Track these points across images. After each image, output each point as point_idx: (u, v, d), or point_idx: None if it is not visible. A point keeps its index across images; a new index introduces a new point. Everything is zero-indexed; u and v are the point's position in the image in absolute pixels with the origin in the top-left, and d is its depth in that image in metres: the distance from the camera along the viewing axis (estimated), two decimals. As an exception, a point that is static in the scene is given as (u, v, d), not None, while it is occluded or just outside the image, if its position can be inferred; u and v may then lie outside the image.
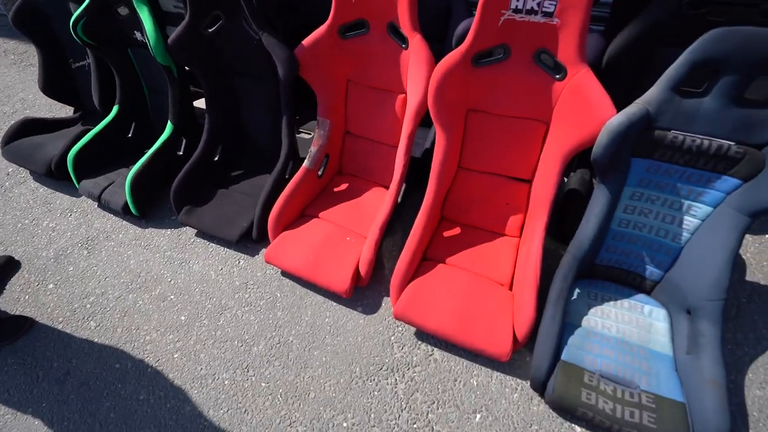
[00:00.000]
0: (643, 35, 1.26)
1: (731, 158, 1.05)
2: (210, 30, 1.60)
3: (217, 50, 1.65)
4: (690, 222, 1.18)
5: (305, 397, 1.27)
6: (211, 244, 1.72)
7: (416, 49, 1.32)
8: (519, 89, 1.26)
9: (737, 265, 1.48)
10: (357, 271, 1.43)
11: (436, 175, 1.38)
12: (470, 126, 1.40)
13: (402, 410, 1.22)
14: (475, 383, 1.26)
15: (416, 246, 1.34)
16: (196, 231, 1.76)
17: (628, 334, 1.24)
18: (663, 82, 1.04)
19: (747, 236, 1.55)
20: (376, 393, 1.26)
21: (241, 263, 1.64)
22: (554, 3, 1.05)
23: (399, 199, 1.60)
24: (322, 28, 1.45)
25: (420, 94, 1.34)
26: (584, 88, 1.11)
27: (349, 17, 1.42)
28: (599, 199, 1.19)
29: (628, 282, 1.36)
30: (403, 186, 1.58)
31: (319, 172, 1.70)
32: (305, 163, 1.62)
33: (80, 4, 1.75)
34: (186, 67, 1.75)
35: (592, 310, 1.29)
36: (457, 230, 1.54)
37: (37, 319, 1.52)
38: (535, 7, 1.08)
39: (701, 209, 1.15)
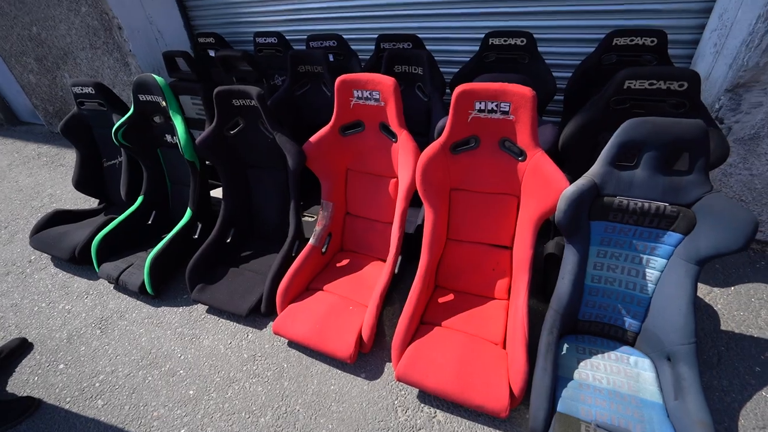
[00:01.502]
0: (585, 126, 1.57)
1: (669, 216, 1.26)
2: (232, 132, 1.92)
3: (236, 148, 1.96)
4: (652, 273, 1.34)
5: (311, 467, 1.27)
6: (221, 319, 1.81)
7: (404, 142, 1.61)
8: (491, 170, 1.52)
9: (711, 316, 1.60)
10: (360, 337, 1.52)
11: (427, 246, 1.57)
12: (454, 202, 1.63)
13: (408, 476, 1.23)
14: (479, 443, 1.28)
15: (413, 310, 1.47)
16: (207, 308, 1.87)
17: (619, 384, 1.31)
18: (602, 159, 1.29)
19: (715, 289, 1.70)
20: (381, 459, 1.27)
21: (249, 336, 1.72)
22: (508, 104, 1.36)
23: (396, 270, 1.76)
24: (325, 128, 1.76)
25: (409, 178, 1.59)
26: (541, 167, 1.36)
27: (348, 119, 1.74)
28: (569, 257, 1.36)
29: (611, 335, 1.46)
30: (399, 258, 1.75)
31: (323, 249, 1.88)
32: (311, 241, 1.81)
33: (122, 116, 2.10)
34: (207, 162, 2.04)
35: (582, 363, 1.38)
36: (450, 296, 1.68)
37: (44, 400, 1.55)
38: (494, 108, 1.39)
39: (658, 261, 1.33)
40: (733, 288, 1.70)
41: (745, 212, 1.14)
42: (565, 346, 1.44)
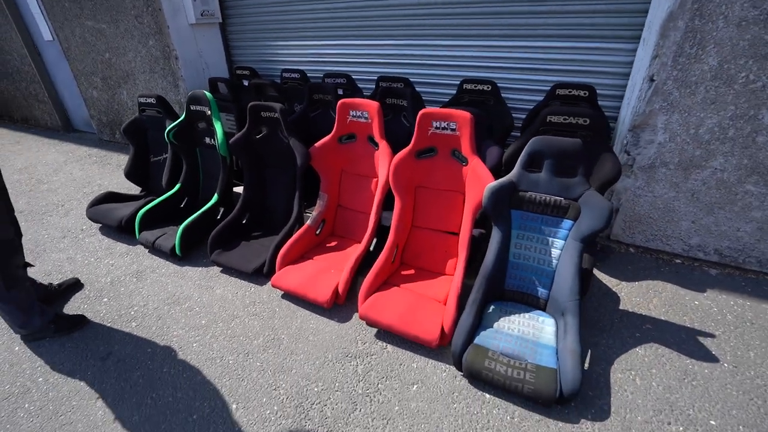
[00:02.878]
0: (520, 147, 2.10)
1: (564, 207, 1.75)
2: (258, 137, 2.51)
3: (259, 149, 2.53)
4: (555, 252, 1.81)
5: (288, 372, 1.70)
6: (232, 277, 2.29)
7: (383, 149, 2.17)
8: (445, 173, 2.05)
9: (614, 299, 2.02)
10: (336, 290, 1.99)
11: (395, 228, 2.07)
12: (418, 197, 2.15)
13: (359, 382, 1.64)
14: (416, 366, 1.70)
15: (378, 270, 1.94)
16: (221, 269, 2.36)
17: (526, 333, 1.73)
18: (518, 165, 1.81)
19: (623, 282, 2.14)
20: (341, 371, 1.69)
21: (252, 289, 2.19)
22: (455, 123, 1.91)
23: (371, 249, 2.25)
24: (328, 137, 2.33)
25: (385, 176, 2.12)
26: (477, 170, 1.88)
27: (344, 131, 2.32)
28: (495, 237, 1.84)
29: (529, 302, 1.90)
30: (374, 240, 2.24)
31: (317, 231, 2.38)
32: (308, 222, 2.33)
33: (174, 121, 2.72)
34: (236, 159, 2.61)
35: (502, 319, 1.81)
36: (412, 271, 2.14)
37: (91, 320, 2.02)
38: (446, 126, 1.94)
39: (559, 242, 1.80)
40: (637, 283, 2.13)
41: (605, 203, 1.63)
42: (492, 307, 1.88)
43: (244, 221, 2.58)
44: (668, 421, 1.44)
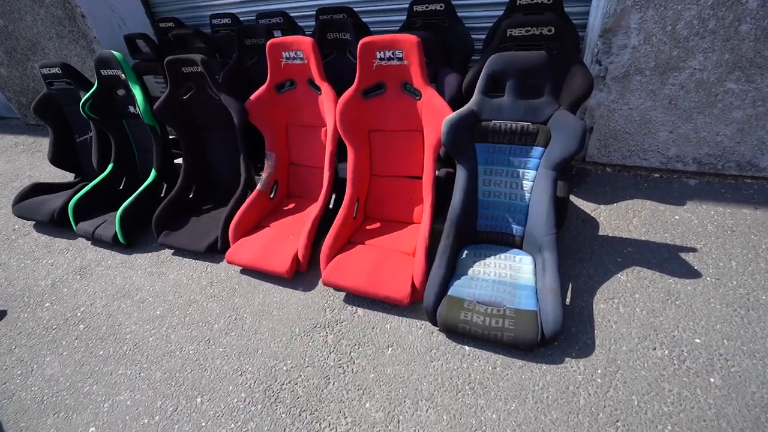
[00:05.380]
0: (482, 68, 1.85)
1: (532, 133, 1.55)
2: (185, 97, 2.17)
3: (190, 111, 2.21)
4: (527, 184, 1.64)
5: (254, 353, 1.57)
6: (185, 258, 2.09)
7: (326, 93, 1.89)
8: (398, 111, 1.80)
9: (593, 225, 1.90)
10: (296, 257, 1.81)
11: (351, 181, 1.86)
12: (373, 142, 1.91)
13: (330, 353, 1.53)
14: (389, 327, 1.59)
15: (338, 230, 1.76)
16: (173, 251, 2.15)
17: (503, 275, 1.62)
18: (477, 91, 1.58)
19: (601, 206, 2.01)
20: (311, 344, 1.57)
21: (208, 269, 2.00)
22: (401, 51, 1.63)
23: (331, 206, 2.05)
24: (262, 88, 2.02)
25: (333, 123, 1.87)
26: (432, 102, 1.65)
27: (280, 78, 2.01)
28: (460, 175, 1.65)
29: (504, 242, 1.76)
30: (333, 196, 2.04)
31: (271, 195, 2.16)
32: (258, 186, 2.09)
33: (87, 91, 2.34)
34: (167, 126, 2.29)
35: (477, 264, 1.68)
36: (377, 224, 1.97)
37: (34, 330, 1.82)
38: (392, 56, 1.66)
39: (530, 173, 1.62)
40: (615, 204, 2.01)
41: (577, 122, 1.44)
42: (465, 252, 1.74)
43: (191, 195, 2.33)
44: (653, 346, 1.38)
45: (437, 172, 1.97)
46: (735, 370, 1.29)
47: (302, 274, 1.86)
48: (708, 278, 1.58)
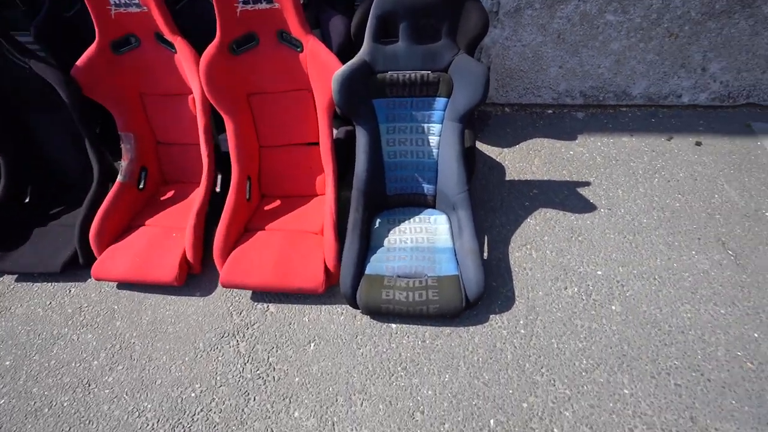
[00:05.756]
0: (368, 10, 1.59)
1: (432, 83, 1.40)
2: (-25, 70, 1.57)
3: (-7, 89, 1.62)
4: (433, 139, 1.52)
5: (152, 386, 1.31)
6: (36, 283, 1.64)
7: (181, 51, 1.49)
8: (278, 67, 1.50)
9: (500, 170, 1.90)
10: (185, 259, 1.51)
11: (235, 157, 1.55)
12: (255, 108, 1.60)
13: (246, 364, 1.33)
14: (307, 320, 1.43)
15: (229, 220, 1.49)
16: (15, 277, 1.67)
17: (420, 240, 1.53)
18: (367, 37, 1.35)
19: (504, 149, 2.01)
20: (220, 358, 1.35)
21: (72, 291, 1.60)
22: (268, -10, 1.31)
23: (218, 189, 1.73)
24: (91, 48, 1.53)
25: (199, 89, 1.50)
26: (317, 54, 1.38)
27: (115, 34, 1.53)
28: (360, 138, 1.46)
29: (417, 202, 1.66)
30: (219, 177, 1.72)
31: (140, 185, 1.74)
32: (118, 178, 1.66)
33: None
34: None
35: (391, 232, 1.56)
36: (277, 203, 1.72)
37: None
38: (258, -4, 1.33)
39: (435, 127, 1.50)
40: (517, 146, 2.03)
41: (479, 67, 1.32)
42: (378, 221, 1.61)
43: (27, 199, 1.80)
44: (564, 286, 1.44)
45: (336, 132, 1.76)
46: (630, 294, 1.41)
47: (197, 277, 1.58)
48: (602, 210, 1.68)
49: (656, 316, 1.34)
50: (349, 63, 1.34)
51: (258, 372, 1.31)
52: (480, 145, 2.04)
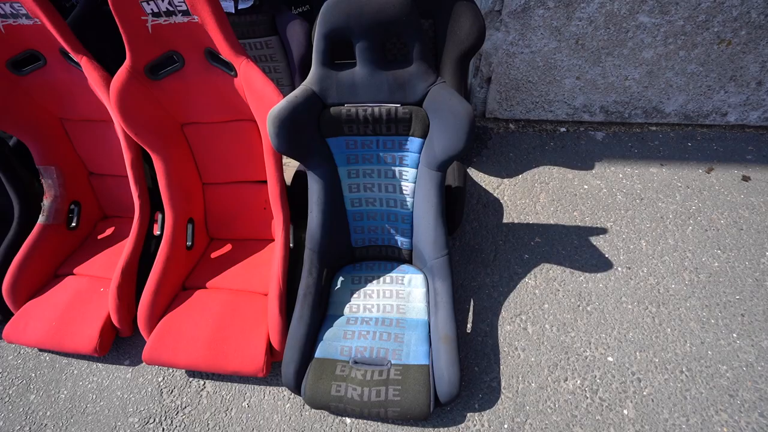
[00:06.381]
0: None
1: (403, 119, 1.08)
2: None
3: None
4: (407, 186, 1.21)
5: (55, 486, 1.10)
6: (-51, 338, 1.44)
7: (89, 74, 1.19)
8: (212, 93, 1.20)
9: (497, 209, 1.58)
10: (110, 323, 1.27)
11: (168, 199, 1.28)
12: (192, 140, 1.31)
13: (168, 463, 1.11)
14: (247, 405, 1.18)
15: (158, 278, 1.23)
16: (-70, 328, 1.46)
17: (388, 310, 1.25)
18: (315, 61, 1.03)
19: (505, 180, 1.68)
20: (139, 453, 1.13)
21: (-14, 351, 1.39)
22: (183, 0, 0.99)
23: (158, 232, 1.47)
24: (-10, 67, 1.25)
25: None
26: (251, 80, 1.07)
27: (12, 51, 1.23)
28: (313, 186, 1.17)
29: (389, 256, 1.38)
30: (160, 216, 1.45)
31: (73, 224, 1.50)
32: (39, 219, 1.42)
33: None
34: None
35: (355, 295, 1.29)
36: (227, 247, 1.46)
37: None
38: (171, 8, 1.01)
39: (409, 172, 1.19)
40: (521, 175, 1.69)
41: (461, 105, 0.99)
42: (340, 279, 1.33)
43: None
44: (564, 376, 1.15)
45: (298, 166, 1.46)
46: (648, 393, 1.11)
47: (127, 340, 1.34)
48: (619, 269, 1.36)
49: (682, 428, 1.04)
50: (291, 96, 1.02)
51: (179, 478, 1.08)
52: (474, 173, 1.72)
